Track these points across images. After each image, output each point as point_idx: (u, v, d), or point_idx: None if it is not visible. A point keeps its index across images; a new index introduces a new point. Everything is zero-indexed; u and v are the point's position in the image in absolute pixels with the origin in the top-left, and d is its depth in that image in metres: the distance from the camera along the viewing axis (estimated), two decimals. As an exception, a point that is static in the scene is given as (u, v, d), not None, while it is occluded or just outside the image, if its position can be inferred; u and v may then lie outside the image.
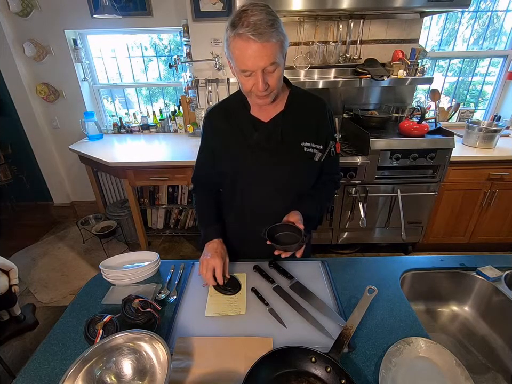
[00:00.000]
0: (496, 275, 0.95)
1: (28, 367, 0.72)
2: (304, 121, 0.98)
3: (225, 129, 1.00)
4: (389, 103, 2.41)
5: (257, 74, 0.80)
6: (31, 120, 2.68)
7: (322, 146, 0.99)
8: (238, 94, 1.00)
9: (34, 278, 2.32)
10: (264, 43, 0.75)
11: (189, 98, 2.48)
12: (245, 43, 0.76)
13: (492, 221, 2.27)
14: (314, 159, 0.98)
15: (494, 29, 2.46)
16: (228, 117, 1.00)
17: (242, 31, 0.75)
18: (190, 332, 0.79)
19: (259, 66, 0.78)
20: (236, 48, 0.79)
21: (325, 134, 1.00)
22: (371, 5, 1.80)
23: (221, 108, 1.04)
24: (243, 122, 0.98)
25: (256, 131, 0.96)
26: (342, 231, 2.30)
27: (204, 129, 1.05)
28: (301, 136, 0.97)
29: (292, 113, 0.97)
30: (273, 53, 0.78)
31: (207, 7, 2.11)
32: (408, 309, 0.85)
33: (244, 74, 0.82)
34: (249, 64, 0.79)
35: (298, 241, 0.86)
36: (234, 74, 0.89)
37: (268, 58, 0.78)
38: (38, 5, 2.31)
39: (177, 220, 2.80)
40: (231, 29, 0.78)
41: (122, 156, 2.23)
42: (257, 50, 0.76)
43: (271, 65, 0.79)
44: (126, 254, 1.06)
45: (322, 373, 0.67)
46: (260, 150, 0.96)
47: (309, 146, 0.97)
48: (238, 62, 0.81)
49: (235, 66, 0.83)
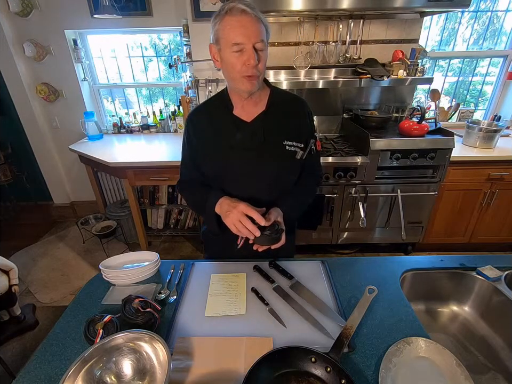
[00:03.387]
0: (496, 275, 0.95)
1: (27, 367, 0.72)
2: (285, 121, 1.00)
3: (207, 129, 1.00)
4: (389, 103, 2.41)
5: (248, 49, 0.82)
6: (31, 120, 2.68)
7: (303, 145, 1.00)
8: (220, 94, 1.01)
9: (34, 278, 2.32)
10: (255, 17, 0.81)
11: (189, 98, 2.48)
12: (236, 16, 0.80)
13: (492, 221, 2.27)
14: (296, 157, 0.99)
15: (494, 29, 2.46)
16: (210, 118, 1.00)
17: (232, 6, 0.80)
18: (190, 332, 0.79)
19: (250, 39, 0.81)
20: (226, 24, 0.81)
21: (305, 132, 1.01)
22: (371, 5, 1.80)
23: (203, 109, 1.04)
24: (225, 123, 0.98)
25: (238, 131, 0.97)
26: (342, 231, 2.30)
27: (186, 130, 1.04)
28: (282, 135, 0.98)
29: (273, 112, 0.98)
30: (262, 30, 0.83)
31: (207, 7, 2.12)
32: (408, 309, 0.85)
33: (234, 49, 0.82)
34: (241, 37, 0.81)
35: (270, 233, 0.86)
36: (219, 66, 0.90)
37: (258, 32, 0.82)
38: (38, 5, 2.31)
39: (177, 219, 2.80)
40: (219, 14, 0.83)
41: (122, 156, 2.23)
42: (249, 21, 0.80)
43: (261, 42, 0.83)
44: (126, 254, 1.06)
45: (322, 373, 0.67)
46: (242, 150, 0.96)
47: (290, 145, 0.98)
48: (229, 37, 0.82)
49: (223, 46, 0.84)
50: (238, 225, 0.85)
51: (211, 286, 0.94)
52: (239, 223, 0.85)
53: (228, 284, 0.95)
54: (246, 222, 0.84)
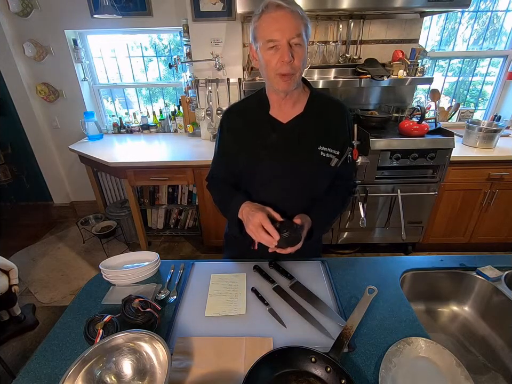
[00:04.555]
0: (496, 275, 0.95)
1: (27, 367, 0.72)
2: (322, 125, 0.96)
3: (242, 128, 0.99)
4: (389, 103, 2.41)
5: (283, 45, 0.80)
6: (31, 120, 2.68)
7: (339, 152, 0.97)
8: (259, 93, 1.00)
9: (34, 278, 2.32)
10: (292, 11, 0.78)
11: (189, 98, 2.48)
12: (272, 12, 0.78)
13: (492, 221, 2.27)
14: (331, 164, 0.96)
15: (494, 29, 2.46)
16: (246, 116, 0.99)
17: (268, 2, 0.79)
18: (190, 332, 0.79)
19: (285, 35, 0.79)
20: (262, 21, 0.80)
21: (342, 139, 0.98)
22: (371, 5, 1.80)
23: (240, 107, 1.02)
24: (261, 122, 0.97)
25: (273, 132, 0.95)
26: (342, 231, 2.30)
27: (220, 127, 1.03)
28: (318, 140, 0.95)
29: (311, 116, 0.95)
30: (299, 24, 0.79)
31: (207, 7, 2.11)
32: (408, 309, 0.85)
33: (269, 46, 0.81)
34: (276, 33, 0.79)
35: (294, 236, 0.84)
36: (257, 66, 0.90)
37: (294, 27, 0.79)
38: (38, 5, 2.31)
39: (177, 219, 2.80)
40: (257, 13, 0.82)
41: (122, 156, 2.23)
42: (284, 16, 0.78)
43: (297, 37, 0.79)
44: (126, 254, 1.06)
45: (322, 373, 0.67)
46: (276, 151, 0.95)
47: (325, 151, 0.95)
48: (264, 34, 0.80)
49: (261, 44, 0.83)
50: (255, 235, 0.86)
51: (211, 286, 0.94)
52: (256, 233, 0.85)
53: (228, 284, 0.95)
54: (261, 233, 0.84)
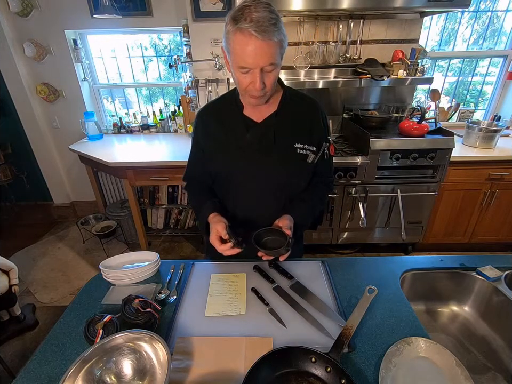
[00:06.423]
0: (496, 275, 0.95)
1: (27, 367, 0.72)
2: (297, 122, 0.97)
3: (216, 129, 0.98)
4: (389, 103, 2.41)
5: (255, 72, 0.79)
6: (31, 120, 2.68)
7: (316, 148, 0.97)
8: (231, 93, 0.99)
9: (34, 278, 2.32)
10: (266, 41, 0.74)
11: (189, 98, 2.48)
12: (246, 39, 0.74)
13: (491, 221, 2.27)
14: (308, 160, 0.97)
15: (494, 29, 2.46)
16: (220, 117, 0.99)
17: (245, 27, 0.73)
18: (190, 332, 0.79)
19: (258, 64, 0.78)
20: (236, 43, 0.77)
21: (318, 135, 0.98)
22: (371, 5, 1.80)
23: (213, 107, 1.02)
24: (235, 122, 0.96)
25: (248, 132, 0.94)
26: (342, 231, 2.30)
27: (195, 129, 1.03)
28: (294, 137, 0.96)
29: (285, 114, 0.96)
30: (273, 52, 0.77)
31: (207, 7, 2.11)
32: (408, 309, 0.85)
33: (242, 71, 0.80)
34: (249, 61, 0.77)
35: (281, 246, 0.86)
36: (229, 70, 0.88)
37: (268, 57, 0.77)
38: (38, 5, 2.31)
39: (177, 220, 2.80)
40: (233, 23, 0.76)
41: (122, 156, 2.23)
42: (258, 47, 0.75)
43: (270, 65, 0.79)
44: (126, 254, 1.06)
45: (322, 373, 0.67)
46: (252, 151, 0.94)
47: (302, 147, 0.95)
48: (237, 57, 0.79)
49: (233, 61, 0.82)
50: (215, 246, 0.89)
51: (211, 286, 0.94)
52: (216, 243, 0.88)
53: (228, 284, 0.95)
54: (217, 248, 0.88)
